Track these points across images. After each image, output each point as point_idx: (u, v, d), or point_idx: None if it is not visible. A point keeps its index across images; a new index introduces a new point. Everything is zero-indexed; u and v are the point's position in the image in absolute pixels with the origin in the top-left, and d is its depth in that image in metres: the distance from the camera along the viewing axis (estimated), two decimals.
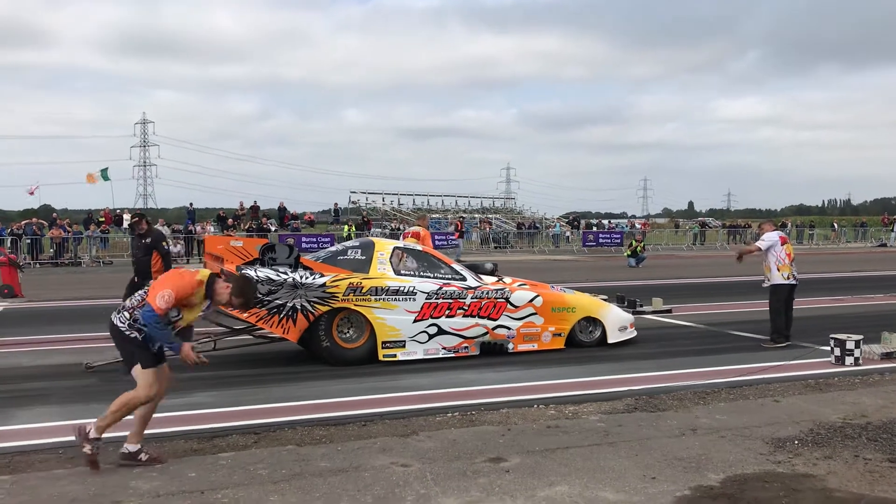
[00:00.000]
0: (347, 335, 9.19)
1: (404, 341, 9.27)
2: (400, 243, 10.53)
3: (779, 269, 10.31)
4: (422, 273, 9.64)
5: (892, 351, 9.22)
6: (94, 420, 5.40)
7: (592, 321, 10.31)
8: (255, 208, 37.72)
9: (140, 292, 5.60)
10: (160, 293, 5.27)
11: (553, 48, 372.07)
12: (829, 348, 9.16)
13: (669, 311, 13.62)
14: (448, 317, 9.45)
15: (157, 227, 29.84)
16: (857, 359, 8.87)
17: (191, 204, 38.18)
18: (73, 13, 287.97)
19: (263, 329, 9.11)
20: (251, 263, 9.05)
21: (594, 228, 45.86)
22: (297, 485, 4.96)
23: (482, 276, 10.21)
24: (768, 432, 6.12)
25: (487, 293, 9.69)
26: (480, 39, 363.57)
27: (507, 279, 10.37)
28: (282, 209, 39.53)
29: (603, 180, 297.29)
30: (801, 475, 5.14)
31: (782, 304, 10.36)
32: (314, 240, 33.41)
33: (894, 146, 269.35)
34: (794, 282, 10.39)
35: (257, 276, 8.64)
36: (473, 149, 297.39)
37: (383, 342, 9.17)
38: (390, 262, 9.53)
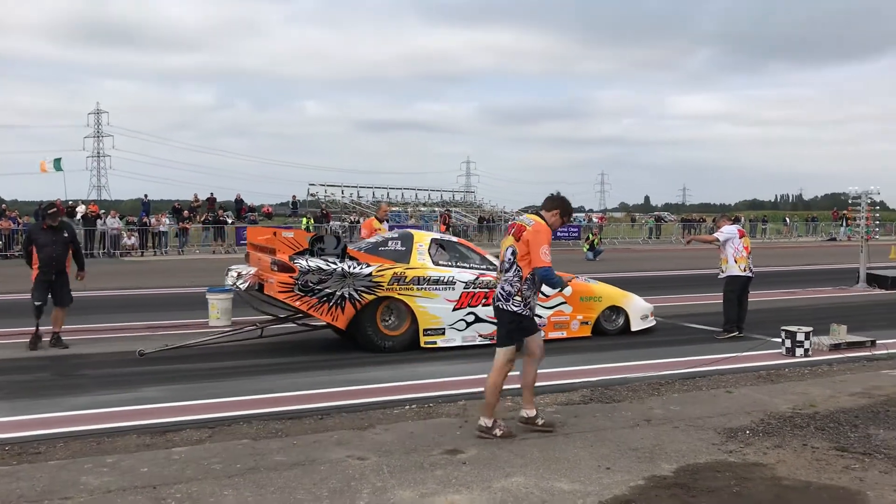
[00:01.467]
0: (389, 323, 9.48)
1: (444, 329, 9.62)
2: (437, 235, 10.96)
3: (736, 261, 10.50)
4: (458, 263, 10.02)
5: (840, 342, 9.44)
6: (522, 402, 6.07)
7: (616, 310, 10.77)
8: (211, 200, 37.23)
9: (512, 270, 5.84)
10: (542, 251, 5.74)
11: (510, 42, 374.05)
12: (780, 340, 9.34)
13: None
14: (484, 305, 9.68)
15: (110, 218, 29.37)
16: (806, 350, 9.06)
17: (145, 195, 37.56)
18: None
19: (312, 316, 9.34)
20: (301, 253, 9.26)
21: None
22: (252, 479, 4.91)
23: None
24: (720, 422, 6.23)
25: None
26: (438, 32, 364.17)
27: None
28: (238, 201, 39.10)
29: (561, 174, 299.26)
30: (752, 464, 5.23)
31: (736, 296, 10.56)
32: None
33: (843, 143, 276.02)
34: (750, 274, 10.58)
35: (308, 266, 8.99)
36: (433, 142, 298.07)
37: (425, 329, 9.50)
38: (429, 252, 9.88)
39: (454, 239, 10.97)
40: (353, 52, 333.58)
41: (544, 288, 9.87)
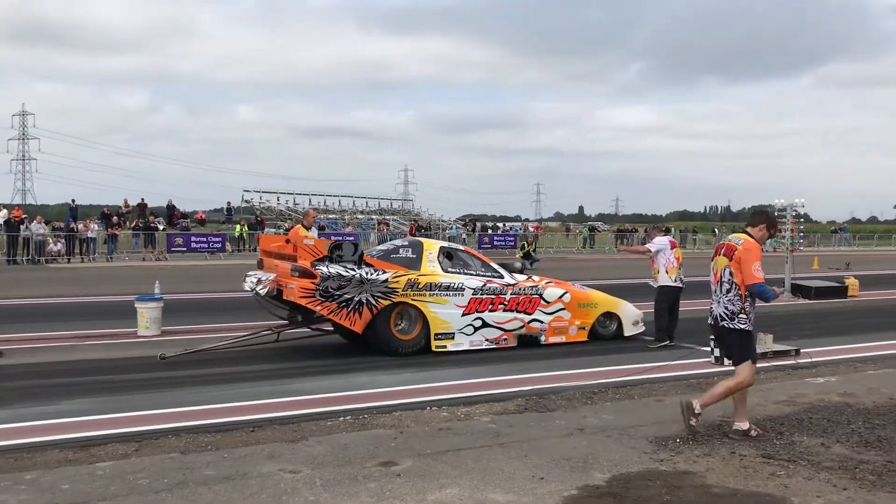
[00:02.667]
0: (401, 327, 9.78)
1: (453, 333, 9.97)
2: (444, 243, 11.39)
3: (668, 272, 10.71)
4: (466, 270, 10.37)
5: (767, 351, 9.70)
6: (697, 398, 6.18)
7: (610, 316, 11.28)
8: (142, 206, 36.33)
9: (733, 290, 6.21)
10: (754, 267, 6.05)
11: (447, 52, 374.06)
12: (709, 349, 9.55)
13: None
14: (491, 311, 10.21)
15: (35, 223, 28.37)
16: None
17: (73, 201, 36.40)
18: None
19: (333, 320, 9.57)
20: (321, 260, 9.47)
21: (489, 231, 46.48)
22: (180, 494, 4.77)
23: (514, 274, 10.90)
24: (652, 431, 6.32)
25: (523, 289, 10.55)
26: (374, 40, 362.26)
27: (535, 277, 11.12)
28: (170, 207, 38.28)
29: (498, 184, 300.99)
30: (682, 472, 5.32)
31: (667, 306, 10.76)
32: (204, 239, 32.49)
33: (769, 156, 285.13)
34: (681, 284, 10.80)
35: (329, 272, 9.29)
36: (370, 150, 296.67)
37: (436, 334, 9.83)
38: (438, 259, 10.23)
39: (461, 247, 11.42)
40: (289, 58, 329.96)
41: (546, 294, 10.58)
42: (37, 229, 27.97)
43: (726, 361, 9.18)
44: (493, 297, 10.22)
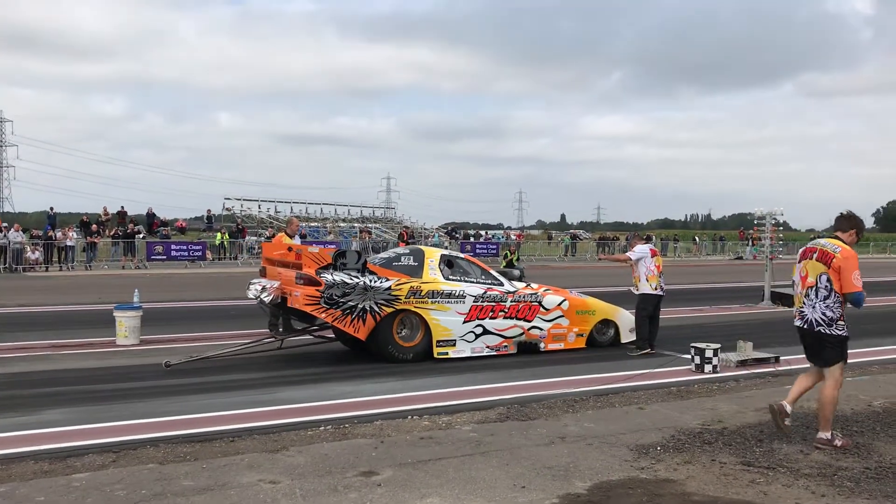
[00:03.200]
0: (403, 334, 9.90)
1: (455, 340, 10.11)
2: (445, 251, 11.70)
3: (648, 280, 10.75)
4: (467, 278, 10.54)
5: (747, 358, 9.76)
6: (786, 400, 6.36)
7: (607, 323, 11.42)
8: (121, 213, 36.13)
9: (831, 297, 6.09)
10: (854, 276, 6.02)
11: (428, 60, 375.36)
12: (689, 356, 9.59)
13: None
14: (491, 318, 10.37)
15: (13, 231, 28.07)
16: (715, 366, 9.33)
17: (51, 208, 36.14)
18: None
19: (337, 327, 9.61)
20: (326, 268, 9.61)
21: (472, 239, 46.50)
22: None
23: (514, 282, 11.13)
24: (633, 439, 6.33)
25: (523, 297, 10.71)
26: (356, 47, 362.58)
27: (534, 284, 11.34)
28: (150, 215, 38.07)
29: (481, 192, 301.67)
30: (663, 480, 5.32)
31: (648, 313, 10.81)
32: (184, 247, 32.30)
33: (750, 164, 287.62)
34: (661, 293, 10.85)
35: (333, 280, 9.37)
36: (352, 157, 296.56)
37: (437, 341, 9.97)
38: (439, 267, 10.39)
39: (461, 255, 11.70)
40: (269, 65, 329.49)
41: (545, 301, 10.71)
42: (14, 237, 27.67)
43: (706, 368, 9.25)
44: (493, 304, 10.38)
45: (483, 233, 58.10)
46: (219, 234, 35.65)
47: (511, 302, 10.53)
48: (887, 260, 50.70)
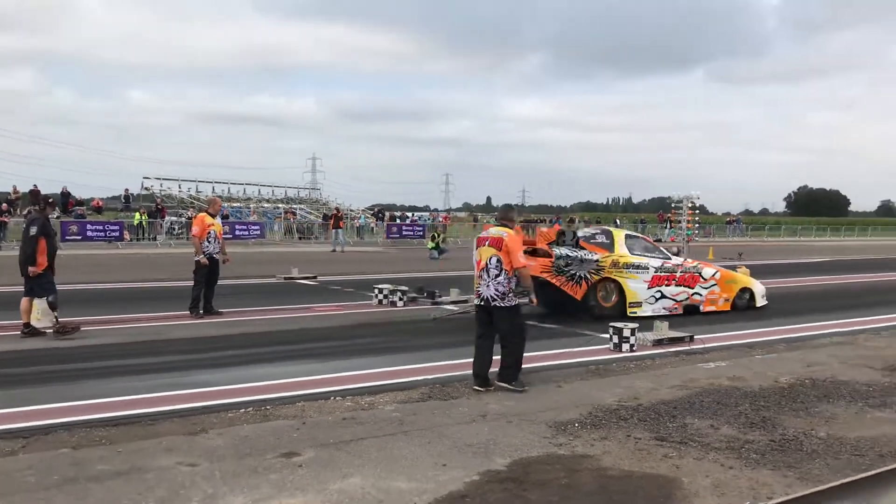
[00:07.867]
0: (601, 296, 12.17)
1: (641, 303, 12.44)
2: (628, 231, 14.51)
3: None
4: (647, 253, 12.92)
5: (663, 338, 10.06)
6: None
7: (746, 290, 13.99)
8: (34, 192, 34.60)
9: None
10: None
11: (349, 38, 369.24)
12: (608, 336, 9.83)
13: (466, 301, 14.00)
14: (666, 286, 12.77)
15: None
16: (632, 345, 9.58)
17: None
18: None
19: (563, 290, 11.79)
20: (552, 244, 12.19)
21: (398, 221, 46.41)
22: (70, 491, 4.60)
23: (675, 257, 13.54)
24: (551, 416, 6.47)
25: (688, 269, 13.20)
26: (274, 24, 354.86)
27: (689, 259, 13.92)
28: (65, 194, 36.73)
29: (407, 174, 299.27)
30: (580, 456, 5.47)
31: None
32: (101, 227, 31.33)
33: (668, 149, 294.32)
34: None
35: (560, 253, 11.88)
36: (276, 138, 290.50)
37: (630, 303, 12.29)
38: (625, 244, 12.63)
39: (639, 235, 14.40)
40: (183, 41, 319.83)
41: (703, 272, 13.33)
42: None
43: (624, 347, 9.50)
44: (668, 274, 12.78)
45: (409, 215, 58.06)
46: (137, 214, 34.67)
47: (680, 272, 12.95)
48: (797, 243, 52.86)
